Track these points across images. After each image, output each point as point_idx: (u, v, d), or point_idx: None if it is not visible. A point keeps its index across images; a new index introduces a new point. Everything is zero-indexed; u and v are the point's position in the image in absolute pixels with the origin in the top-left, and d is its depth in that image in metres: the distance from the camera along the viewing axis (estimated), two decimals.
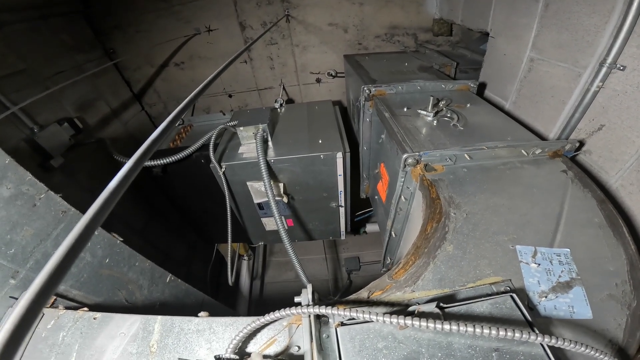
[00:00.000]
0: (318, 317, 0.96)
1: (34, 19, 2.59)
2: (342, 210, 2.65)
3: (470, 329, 0.72)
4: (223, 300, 2.54)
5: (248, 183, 2.36)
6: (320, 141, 2.32)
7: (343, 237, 2.98)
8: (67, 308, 1.21)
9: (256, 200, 2.48)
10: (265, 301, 4.25)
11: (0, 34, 2.28)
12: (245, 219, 2.76)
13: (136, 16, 3.22)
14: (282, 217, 2.04)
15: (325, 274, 4.37)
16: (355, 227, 3.95)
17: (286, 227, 2.02)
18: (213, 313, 1.11)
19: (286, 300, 0.95)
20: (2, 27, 2.29)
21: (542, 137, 1.73)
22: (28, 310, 0.34)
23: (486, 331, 0.71)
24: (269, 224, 2.77)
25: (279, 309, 0.93)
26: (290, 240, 1.97)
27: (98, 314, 1.14)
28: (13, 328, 0.32)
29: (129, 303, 1.58)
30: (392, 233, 1.81)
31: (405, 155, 1.38)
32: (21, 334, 0.33)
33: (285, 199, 2.40)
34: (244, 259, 4.25)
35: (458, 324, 0.73)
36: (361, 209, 3.43)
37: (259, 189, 2.37)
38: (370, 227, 4.02)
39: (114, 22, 3.24)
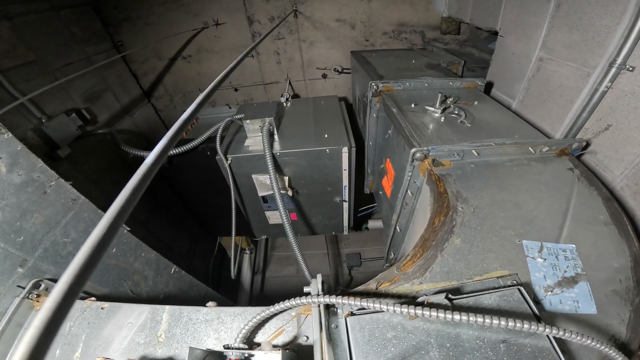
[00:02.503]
0: (327, 307, 0.97)
1: (44, 10, 2.60)
2: (345, 205, 2.66)
3: (480, 319, 0.73)
4: (224, 294, 2.56)
5: (253, 176, 2.37)
6: (326, 135, 2.33)
7: (346, 232, 2.99)
8: None
9: (261, 193, 2.49)
10: (266, 295, 4.27)
11: (11, 25, 2.29)
12: (249, 212, 2.78)
13: (145, 9, 3.23)
14: (286, 210, 2.05)
15: (326, 270, 4.40)
16: (357, 223, 3.97)
17: (290, 221, 2.04)
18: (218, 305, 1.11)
19: (287, 295, 0.96)
20: (13, 18, 2.30)
21: (548, 136, 1.74)
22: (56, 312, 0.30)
23: (495, 322, 0.73)
24: (273, 217, 2.79)
25: (288, 299, 0.94)
26: (294, 234, 1.99)
27: (106, 304, 1.14)
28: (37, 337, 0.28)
29: (134, 294, 1.58)
30: (397, 228, 1.83)
31: (413, 150, 1.39)
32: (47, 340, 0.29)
33: (290, 193, 2.42)
34: (246, 253, 4.27)
35: (468, 314, 0.74)
36: (363, 205, 3.45)
37: (264, 182, 2.39)
38: (372, 224, 4.04)
39: (123, 15, 3.25)
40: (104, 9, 3.17)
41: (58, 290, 0.31)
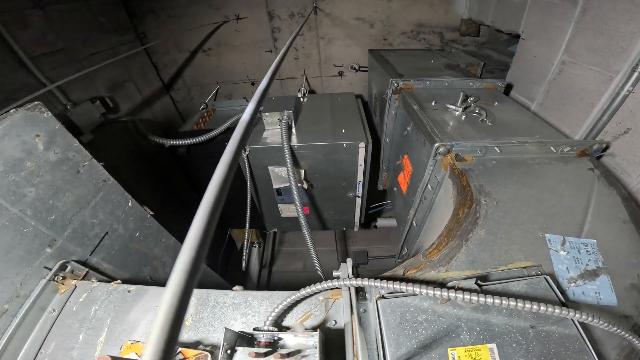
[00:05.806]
0: (356, 291, 0.99)
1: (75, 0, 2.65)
2: (358, 200, 2.69)
3: (512, 302, 0.76)
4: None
5: (269, 167, 2.41)
6: (343, 130, 2.37)
7: (356, 229, 3.02)
8: (99, 281, 1.19)
9: (275, 186, 2.53)
10: (274, 289, 4.27)
11: (42, 13, 2.35)
12: (262, 204, 2.82)
13: (169, 1, 3.29)
14: (302, 203, 2.09)
15: (334, 266, 4.39)
16: (366, 220, 3.99)
17: (304, 214, 2.07)
18: None
19: (295, 289, 0.99)
20: (45, 6, 2.36)
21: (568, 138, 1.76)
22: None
23: (528, 306, 0.76)
24: (285, 210, 2.82)
25: (319, 282, 0.97)
26: (308, 226, 2.02)
27: (132, 287, 1.13)
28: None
29: (152, 280, 1.60)
30: (414, 223, 1.86)
31: (437, 144, 1.42)
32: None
33: (305, 185, 2.45)
34: (255, 246, 4.30)
35: (501, 297, 0.77)
36: (373, 202, 3.47)
37: (280, 174, 2.42)
38: (381, 222, 4.06)
39: (148, 6, 3.31)
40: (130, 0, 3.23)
41: (180, 268, 0.28)
